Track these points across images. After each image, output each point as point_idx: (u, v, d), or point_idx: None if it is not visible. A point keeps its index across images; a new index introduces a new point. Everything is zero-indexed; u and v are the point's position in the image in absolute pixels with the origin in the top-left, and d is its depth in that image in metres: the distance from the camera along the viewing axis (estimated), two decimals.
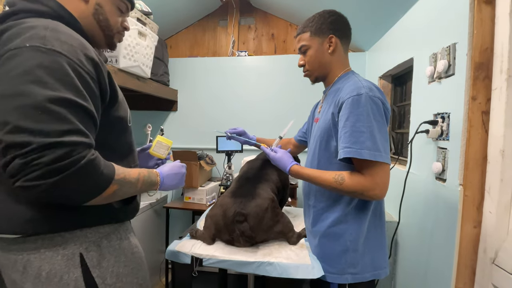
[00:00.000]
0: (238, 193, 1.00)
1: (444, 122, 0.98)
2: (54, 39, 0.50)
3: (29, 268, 0.53)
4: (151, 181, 0.65)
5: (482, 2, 0.82)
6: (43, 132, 0.45)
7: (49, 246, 0.54)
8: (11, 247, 0.54)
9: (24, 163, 0.44)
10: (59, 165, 0.45)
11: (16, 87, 0.46)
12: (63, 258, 0.54)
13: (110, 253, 0.60)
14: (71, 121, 0.48)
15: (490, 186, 0.81)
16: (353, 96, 0.75)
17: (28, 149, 0.44)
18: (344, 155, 0.73)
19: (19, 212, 0.52)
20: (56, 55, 0.48)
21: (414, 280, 1.22)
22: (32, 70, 0.46)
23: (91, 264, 0.57)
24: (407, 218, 1.27)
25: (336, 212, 0.84)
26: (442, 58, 1.00)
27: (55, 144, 0.45)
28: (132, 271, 0.64)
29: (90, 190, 0.51)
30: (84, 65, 0.52)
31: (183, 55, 2.43)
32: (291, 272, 0.83)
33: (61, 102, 0.47)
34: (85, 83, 0.52)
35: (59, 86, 0.47)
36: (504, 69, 0.77)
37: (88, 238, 0.58)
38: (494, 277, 0.77)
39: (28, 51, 0.47)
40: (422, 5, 1.23)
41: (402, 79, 1.66)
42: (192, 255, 0.91)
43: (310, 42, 0.89)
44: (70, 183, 0.47)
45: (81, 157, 0.47)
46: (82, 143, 0.48)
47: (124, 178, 0.56)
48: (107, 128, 0.59)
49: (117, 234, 0.63)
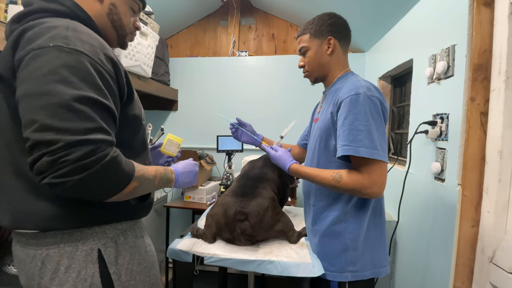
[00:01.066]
0: (239, 192, 1.01)
1: (443, 122, 0.99)
2: (76, 38, 0.51)
3: (48, 263, 0.54)
4: (167, 178, 0.67)
5: (481, 4, 0.83)
6: (69, 130, 0.46)
7: (69, 241, 0.55)
8: (31, 241, 0.55)
9: (52, 161, 0.45)
10: (84, 162, 0.46)
11: (42, 86, 0.47)
12: (82, 253, 0.55)
13: (126, 250, 0.61)
14: (95, 119, 0.49)
15: (488, 186, 0.82)
16: (351, 95, 0.76)
17: (55, 147, 0.45)
18: (342, 153, 0.75)
19: (39, 209, 0.53)
20: (79, 55, 0.50)
21: (413, 279, 1.23)
22: (57, 70, 0.47)
23: (108, 261, 0.57)
24: (406, 217, 1.28)
25: (336, 210, 0.84)
26: (441, 60, 1.01)
27: (81, 141, 0.46)
28: (145, 270, 0.64)
29: (113, 187, 0.52)
30: (104, 64, 0.53)
31: (184, 54, 2.43)
32: (292, 270, 0.84)
33: (85, 100, 0.48)
34: (106, 82, 0.53)
35: (83, 85, 0.49)
36: (503, 71, 0.78)
37: (107, 234, 0.59)
38: (492, 275, 0.79)
39: (52, 51, 0.48)
40: (421, 7, 1.24)
41: (401, 80, 1.67)
42: (193, 254, 0.92)
43: (310, 44, 0.90)
44: (95, 179, 0.48)
45: (105, 155, 0.48)
46: (105, 140, 0.49)
47: (143, 175, 0.57)
48: (123, 126, 0.60)
49: (132, 231, 0.64)
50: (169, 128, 2.31)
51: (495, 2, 0.82)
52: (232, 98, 2.26)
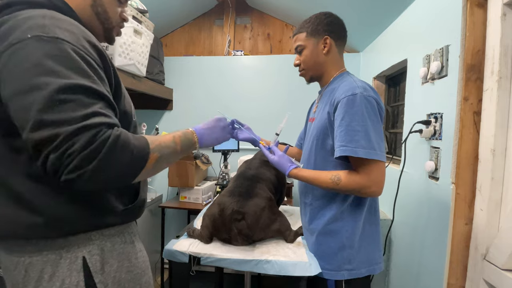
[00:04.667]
0: (236, 192, 1.00)
1: (437, 122, 1.01)
2: (54, 26, 0.47)
3: (31, 271, 0.52)
4: (188, 141, 0.63)
5: (474, 5, 0.85)
6: (66, 121, 0.43)
7: (52, 248, 0.52)
8: (13, 248, 0.53)
9: (59, 156, 0.43)
10: (89, 149, 0.44)
11: (28, 81, 0.44)
12: (66, 261, 0.53)
13: (114, 257, 0.58)
14: (90, 105, 0.46)
15: (481, 184, 0.83)
16: (348, 96, 0.77)
17: (57, 141, 0.43)
18: (340, 154, 0.75)
19: (21, 216, 0.51)
20: (60, 42, 0.46)
21: (407, 276, 1.25)
22: (40, 61, 0.44)
23: (93, 269, 0.55)
24: (401, 216, 1.30)
25: (333, 209, 0.85)
26: (435, 60, 1.02)
27: (81, 129, 0.44)
28: (135, 277, 0.61)
29: (132, 165, 0.49)
30: (89, 52, 0.50)
31: (178, 53, 2.41)
32: (289, 269, 0.84)
33: (76, 88, 0.45)
34: (93, 70, 0.50)
35: (70, 73, 0.46)
36: (495, 71, 0.79)
37: (92, 241, 0.56)
38: (485, 272, 0.80)
39: (31, 42, 0.45)
40: (415, 8, 1.26)
41: (395, 79, 1.69)
42: (189, 254, 0.91)
43: (306, 42, 0.90)
44: (109, 163, 0.46)
45: (107, 136, 0.46)
46: (104, 123, 0.47)
47: (160, 144, 0.55)
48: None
49: (121, 237, 0.61)
50: (164, 128, 2.28)
51: (488, 4, 0.84)
52: (228, 97, 2.25)
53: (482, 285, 0.82)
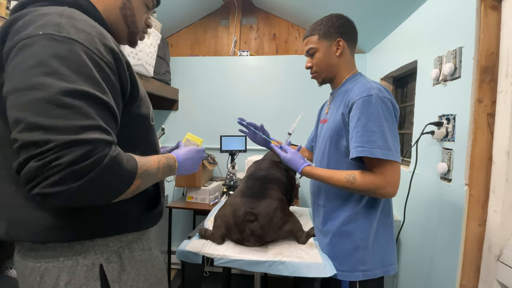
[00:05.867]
0: (248, 193, 1.01)
1: (449, 123, 1.01)
2: (70, 26, 0.45)
3: (47, 277, 0.49)
4: (170, 168, 0.61)
5: (488, 7, 0.85)
6: (59, 129, 0.40)
7: (69, 254, 0.50)
8: (29, 253, 0.51)
9: (41, 166, 0.39)
10: (80, 166, 0.40)
11: (29, 79, 0.41)
12: (83, 269, 0.50)
13: (131, 265, 0.56)
14: (90, 116, 0.43)
15: (495, 186, 0.84)
16: (363, 97, 0.77)
17: (44, 148, 0.39)
18: (357, 154, 0.75)
19: (38, 218, 0.49)
20: (72, 44, 0.44)
21: (417, 277, 1.25)
22: (46, 61, 0.42)
23: (110, 278, 0.52)
24: (411, 217, 1.30)
25: (347, 211, 0.85)
26: (448, 61, 1.02)
27: (75, 142, 0.40)
28: (151, 286, 0.60)
29: (115, 190, 0.47)
30: (103, 55, 0.47)
31: (184, 54, 2.41)
32: (303, 271, 0.84)
33: (78, 95, 0.42)
34: (105, 75, 0.47)
35: (75, 78, 0.42)
36: (510, 73, 0.79)
37: (110, 247, 0.54)
38: (499, 273, 0.80)
39: (42, 39, 0.42)
40: (425, 10, 1.26)
41: (403, 81, 1.69)
42: (203, 255, 0.91)
43: (318, 45, 0.90)
44: (94, 185, 0.42)
45: (103, 156, 0.42)
46: (103, 140, 0.43)
47: (147, 170, 0.52)
48: (127, 126, 0.54)
49: (139, 243, 0.59)
50: (170, 128, 2.29)
51: (502, 6, 0.84)
52: (233, 97, 2.25)
53: (495, 286, 0.82)
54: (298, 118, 0.99)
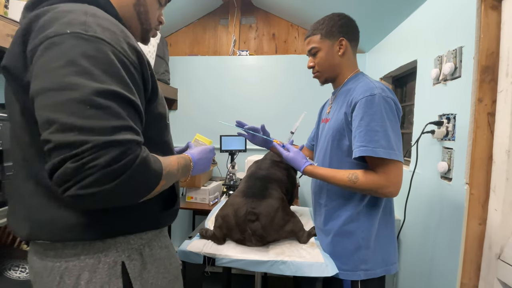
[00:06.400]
0: (249, 192, 1.01)
1: (450, 123, 1.01)
2: (95, 24, 0.44)
3: (66, 277, 0.48)
4: (186, 168, 0.61)
5: (488, 7, 0.85)
6: (94, 130, 0.40)
7: (90, 252, 0.50)
8: (48, 253, 0.50)
9: (78, 167, 0.38)
10: (114, 167, 0.40)
11: (60, 79, 0.40)
12: (105, 266, 0.50)
13: (151, 263, 0.56)
14: (122, 117, 0.43)
15: (495, 184, 0.84)
16: (366, 96, 0.77)
17: (80, 149, 0.38)
18: (360, 154, 0.75)
19: (62, 218, 0.48)
20: (100, 43, 0.43)
21: (417, 276, 1.25)
22: (76, 60, 0.41)
23: (133, 275, 0.52)
24: (411, 216, 1.31)
25: (349, 210, 0.85)
26: (448, 61, 1.03)
27: (110, 143, 0.40)
28: (169, 284, 0.59)
29: (144, 190, 0.47)
30: (128, 55, 0.47)
31: (183, 53, 2.41)
32: (305, 270, 0.84)
33: (109, 95, 0.42)
34: (130, 75, 0.47)
35: (105, 78, 0.42)
36: (510, 73, 0.80)
37: (131, 245, 0.54)
38: (499, 272, 0.81)
39: (70, 38, 0.42)
40: (425, 10, 1.26)
41: (402, 80, 1.70)
42: (204, 255, 0.91)
43: (321, 45, 0.90)
44: (126, 186, 0.42)
45: (135, 157, 0.42)
46: (134, 141, 0.43)
47: (169, 171, 0.52)
48: (146, 125, 0.53)
49: (157, 241, 0.59)
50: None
51: (502, 6, 0.84)
52: (232, 97, 2.25)
53: (496, 284, 0.83)
54: (301, 117, 0.98)
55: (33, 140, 0.47)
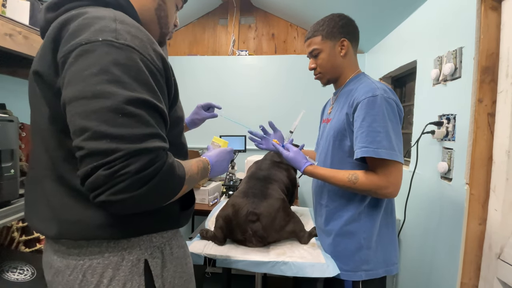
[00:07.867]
0: (250, 193, 1.00)
1: (450, 123, 1.02)
2: (125, 32, 0.45)
3: (89, 275, 0.49)
4: (205, 171, 0.62)
5: (488, 8, 0.86)
6: (126, 138, 0.41)
7: (114, 250, 0.50)
8: (72, 251, 0.50)
9: (110, 174, 0.39)
10: (143, 174, 0.41)
11: (93, 87, 0.41)
12: (128, 264, 0.50)
13: (171, 261, 0.57)
14: (151, 125, 0.44)
15: (495, 185, 0.84)
16: (368, 97, 0.77)
17: (113, 157, 0.40)
18: (361, 155, 0.75)
19: (89, 217, 0.49)
20: (130, 51, 0.44)
21: (417, 276, 1.26)
22: (108, 68, 0.42)
23: (155, 273, 0.53)
24: (412, 216, 1.31)
25: (350, 210, 0.85)
26: (448, 62, 1.03)
27: (140, 150, 0.41)
28: (184, 284, 0.60)
29: (169, 195, 0.48)
30: (155, 62, 0.48)
31: (182, 53, 2.40)
32: (307, 271, 0.84)
33: (139, 103, 0.43)
34: (157, 82, 0.48)
35: (136, 86, 0.43)
36: (510, 73, 0.80)
37: (153, 243, 0.54)
38: (499, 271, 0.81)
39: (102, 46, 0.42)
40: (425, 11, 1.27)
41: (401, 80, 1.70)
42: (205, 256, 0.90)
43: (322, 46, 0.90)
44: (154, 191, 0.43)
45: (163, 163, 0.44)
46: (162, 147, 0.45)
47: (191, 176, 0.54)
48: (168, 129, 0.55)
49: (176, 240, 0.60)
50: None
51: (502, 6, 0.85)
52: (232, 97, 2.25)
53: (496, 283, 0.83)
54: (300, 115, 0.98)
55: (61, 143, 0.48)
